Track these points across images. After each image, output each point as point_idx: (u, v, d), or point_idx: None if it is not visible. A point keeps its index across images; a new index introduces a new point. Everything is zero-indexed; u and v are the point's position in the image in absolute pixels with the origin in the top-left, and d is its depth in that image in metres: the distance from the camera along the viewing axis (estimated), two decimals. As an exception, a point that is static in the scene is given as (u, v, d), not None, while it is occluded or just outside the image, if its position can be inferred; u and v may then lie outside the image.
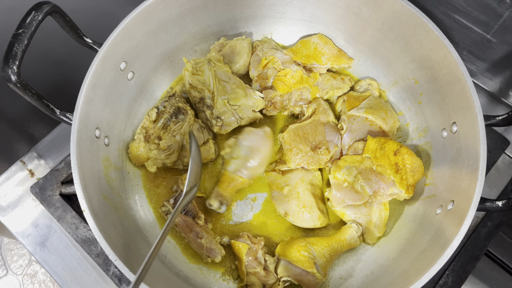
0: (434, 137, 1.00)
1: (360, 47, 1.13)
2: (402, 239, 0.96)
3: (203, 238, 0.95)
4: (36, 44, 0.93)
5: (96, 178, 0.89)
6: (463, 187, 0.84)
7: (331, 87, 1.11)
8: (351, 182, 0.98)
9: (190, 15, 1.05)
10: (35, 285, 2.21)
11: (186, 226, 0.96)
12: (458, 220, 0.80)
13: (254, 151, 0.99)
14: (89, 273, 1.03)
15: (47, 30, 0.90)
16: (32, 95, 0.81)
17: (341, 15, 1.08)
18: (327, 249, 0.94)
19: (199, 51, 1.16)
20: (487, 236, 1.04)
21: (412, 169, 0.95)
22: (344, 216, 1.00)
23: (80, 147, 0.85)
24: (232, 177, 1.00)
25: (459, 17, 1.05)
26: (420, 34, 0.95)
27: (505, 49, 1.04)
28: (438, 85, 0.96)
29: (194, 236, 0.96)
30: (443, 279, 1.00)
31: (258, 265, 0.92)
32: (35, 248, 1.05)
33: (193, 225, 0.96)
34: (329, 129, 1.05)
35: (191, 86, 1.04)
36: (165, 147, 1.00)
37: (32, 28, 0.78)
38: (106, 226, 0.82)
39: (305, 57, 1.11)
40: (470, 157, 0.84)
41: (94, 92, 0.90)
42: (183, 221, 0.96)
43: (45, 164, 1.14)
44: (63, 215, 1.04)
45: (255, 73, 1.12)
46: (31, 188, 1.07)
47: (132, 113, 1.07)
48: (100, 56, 0.89)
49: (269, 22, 1.17)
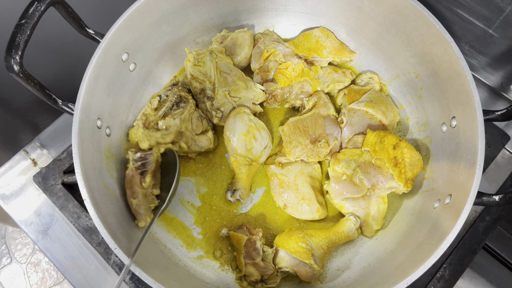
0: (433, 131, 1.01)
1: (361, 41, 1.13)
2: (399, 232, 0.97)
3: (136, 198, 0.94)
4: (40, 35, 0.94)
5: (97, 168, 0.90)
6: (461, 181, 0.85)
7: (332, 80, 1.11)
8: (350, 175, 0.98)
9: (192, 7, 1.06)
10: (38, 273, 2.24)
11: (130, 181, 0.96)
12: (455, 214, 0.80)
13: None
14: (90, 261, 1.04)
15: (51, 21, 0.91)
16: (35, 85, 0.82)
17: (343, 9, 1.08)
18: (325, 241, 0.95)
19: (201, 43, 1.17)
20: (485, 230, 1.05)
21: (411, 163, 0.95)
22: (342, 208, 1.01)
23: (82, 137, 0.86)
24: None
25: (461, 11, 1.05)
26: (422, 28, 0.95)
27: (507, 44, 1.04)
28: (438, 80, 0.96)
29: (130, 193, 0.95)
30: (440, 272, 1.01)
31: (257, 256, 0.93)
32: (38, 236, 1.07)
33: (134, 183, 0.95)
34: (329, 122, 1.05)
35: (192, 77, 1.05)
36: (162, 127, 1.01)
37: (34, 18, 0.79)
38: (106, 215, 0.84)
39: (307, 50, 1.12)
40: (469, 151, 0.85)
41: (96, 83, 0.91)
42: (131, 175, 0.96)
43: (48, 153, 1.15)
44: (65, 204, 1.06)
45: (257, 65, 1.13)
46: (34, 177, 1.09)
47: (134, 104, 1.08)
48: (102, 47, 0.90)
49: (271, 14, 1.17)
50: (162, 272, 0.87)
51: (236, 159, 1.03)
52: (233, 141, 1.01)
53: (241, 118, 1.02)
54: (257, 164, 1.05)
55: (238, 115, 1.03)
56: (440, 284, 1.00)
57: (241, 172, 1.03)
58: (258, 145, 1.03)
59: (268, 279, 0.94)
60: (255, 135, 1.02)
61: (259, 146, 1.03)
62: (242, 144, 1.01)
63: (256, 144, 1.02)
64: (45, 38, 1.08)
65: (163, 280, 0.79)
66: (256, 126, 1.03)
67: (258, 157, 1.04)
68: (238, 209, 1.05)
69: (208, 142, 1.06)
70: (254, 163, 1.04)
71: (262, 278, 0.95)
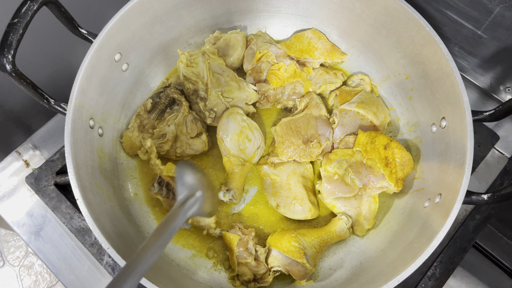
0: (424, 131, 1.02)
1: (353, 42, 1.14)
2: (391, 231, 0.98)
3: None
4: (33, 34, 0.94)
5: (90, 168, 0.91)
6: (450, 180, 0.86)
7: (324, 81, 1.12)
8: (341, 175, 0.99)
9: (185, 8, 1.06)
10: (31, 276, 2.22)
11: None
12: (444, 213, 0.81)
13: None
14: (83, 262, 1.04)
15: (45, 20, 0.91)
16: (27, 84, 0.82)
17: (335, 10, 1.09)
18: (317, 240, 0.96)
19: (194, 44, 1.18)
20: (475, 229, 1.06)
21: (402, 163, 0.96)
22: (334, 208, 1.01)
23: (74, 137, 0.86)
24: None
25: (451, 13, 1.06)
26: (412, 30, 0.96)
27: (496, 45, 1.05)
28: (428, 81, 0.97)
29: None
30: (431, 270, 1.02)
31: (249, 256, 0.94)
32: (30, 237, 1.06)
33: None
34: (321, 123, 1.06)
35: (185, 78, 1.05)
36: (159, 136, 1.02)
37: (27, 18, 0.79)
38: (99, 215, 0.84)
39: (299, 51, 1.13)
40: (458, 151, 0.86)
41: (89, 83, 0.91)
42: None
43: (41, 154, 1.15)
44: (58, 205, 1.06)
45: (249, 66, 1.14)
46: (26, 178, 1.08)
47: (126, 105, 1.08)
48: (95, 47, 0.91)
49: (263, 16, 1.18)
50: (155, 272, 0.88)
51: (229, 160, 1.03)
52: (226, 141, 1.02)
53: (234, 119, 1.03)
54: (250, 164, 1.05)
55: (231, 116, 1.03)
56: (431, 282, 1.01)
57: (234, 172, 1.03)
58: (251, 145, 1.03)
59: (260, 278, 0.95)
60: (248, 136, 1.03)
61: (252, 147, 1.03)
62: (235, 145, 1.02)
63: (249, 144, 1.03)
64: (39, 38, 1.08)
65: (157, 279, 0.79)
66: (249, 126, 1.03)
67: (251, 157, 1.04)
68: (231, 209, 1.06)
69: (202, 145, 1.06)
70: (247, 163, 1.04)
71: (254, 277, 0.95)
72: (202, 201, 0.86)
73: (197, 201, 0.85)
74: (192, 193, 0.85)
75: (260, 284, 0.94)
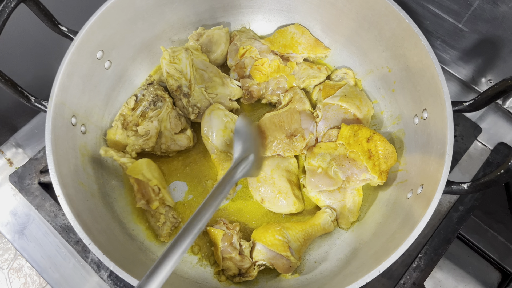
0: (406, 124, 1.02)
1: (336, 37, 1.15)
2: (375, 223, 0.98)
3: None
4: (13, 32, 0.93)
5: (72, 165, 0.90)
6: (431, 171, 0.86)
7: (307, 76, 1.13)
8: (325, 168, 1.00)
9: (167, 4, 1.06)
10: (21, 279, 2.20)
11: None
12: (426, 203, 0.82)
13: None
14: (68, 260, 1.04)
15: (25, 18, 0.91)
16: (6, 81, 0.81)
17: (317, 5, 1.10)
18: (301, 233, 0.96)
19: (177, 41, 1.17)
20: (459, 220, 1.07)
21: (385, 156, 0.97)
22: (319, 201, 1.02)
23: (55, 134, 0.85)
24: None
25: (432, 6, 1.07)
26: (393, 22, 0.97)
27: (476, 38, 1.06)
28: (410, 73, 0.98)
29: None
30: (416, 262, 1.03)
31: (233, 250, 0.94)
32: (14, 236, 1.06)
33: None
34: (305, 117, 1.06)
35: (168, 74, 1.05)
36: (143, 133, 1.01)
37: (4, 15, 0.78)
38: (81, 211, 0.83)
39: (282, 46, 1.13)
40: (439, 142, 0.87)
41: (70, 80, 0.91)
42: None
43: (24, 153, 1.15)
44: (42, 203, 1.05)
45: (233, 62, 1.14)
46: (9, 177, 1.08)
47: (110, 102, 1.08)
48: (76, 45, 0.90)
49: (247, 12, 1.18)
50: (139, 268, 0.87)
51: (218, 157, 1.03)
52: (212, 138, 1.02)
53: (216, 115, 1.03)
54: None
55: (213, 112, 1.03)
56: (416, 273, 1.02)
57: (224, 168, 1.03)
58: None
59: (245, 272, 0.95)
60: (233, 129, 1.03)
61: None
62: (221, 140, 1.02)
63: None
64: (19, 35, 1.07)
65: (141, 276, 0.78)
66: (232, 120, 1.04)
67: None
68: (216, 205, 1.06)
69: (187, 140, 1.06)
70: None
71: (240, 272, 0.95)
72: (252, 164, 0.91)
73: (248, 163, 0.90)
74: (246, 155, 0.91)
75: (245, 278, 0.95)
